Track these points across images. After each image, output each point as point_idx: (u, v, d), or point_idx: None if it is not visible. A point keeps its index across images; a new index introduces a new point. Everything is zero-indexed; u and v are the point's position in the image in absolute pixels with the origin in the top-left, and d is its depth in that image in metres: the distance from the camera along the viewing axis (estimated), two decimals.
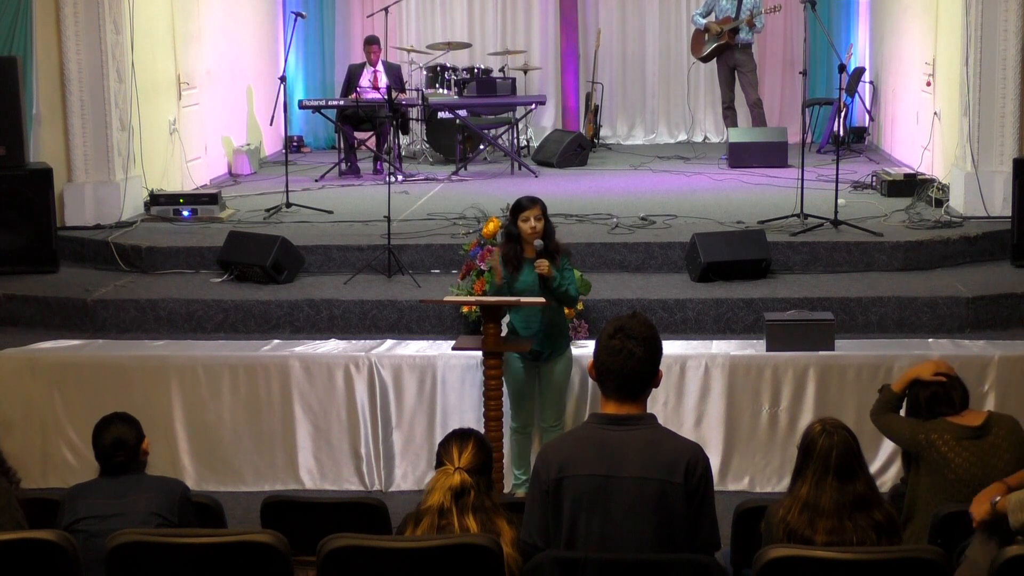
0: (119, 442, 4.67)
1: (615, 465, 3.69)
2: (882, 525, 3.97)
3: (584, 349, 7.01)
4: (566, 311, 7.18)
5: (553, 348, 6.48)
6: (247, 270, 8.25)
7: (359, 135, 12.35)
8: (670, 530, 3.70)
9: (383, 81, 12.21)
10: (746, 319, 7.58)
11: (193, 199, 9.81)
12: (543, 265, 6.19)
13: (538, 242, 6.27)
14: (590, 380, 6.53)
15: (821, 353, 6.89)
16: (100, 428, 4.75)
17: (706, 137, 14.52)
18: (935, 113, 10.37)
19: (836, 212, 8.71)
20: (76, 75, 9.25)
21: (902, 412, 5.01)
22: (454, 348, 6.67)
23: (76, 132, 9.33)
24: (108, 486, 4.62)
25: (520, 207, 6.36)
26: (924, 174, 10.22)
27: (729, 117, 12.81)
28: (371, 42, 12.38)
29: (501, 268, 6.36)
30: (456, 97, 12.57)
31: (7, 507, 4.45)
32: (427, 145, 13.04)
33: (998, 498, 4.01)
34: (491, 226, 7.77)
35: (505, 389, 6.44)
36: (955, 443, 4.66)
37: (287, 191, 10.02)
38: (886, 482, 6.32)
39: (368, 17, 13.74)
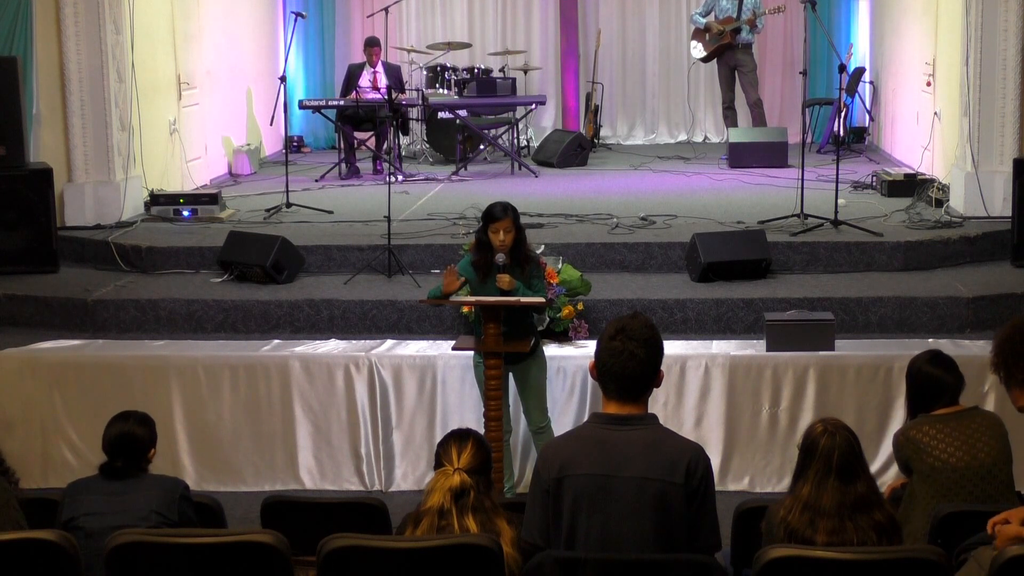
0: (128, 438, 4.67)
1: (616, 465, 3.69)
2: (883, 525, 3.96)
3: (584, 349, 7.01)
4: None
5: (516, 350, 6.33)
6: (247, 270, 8.25)
7: (359, 135, 12.34)
8: (670, 530, 3.70)
9: (383, 82, 12.20)
10: (746, 319, 7.58)
11: (193, 199, 9.81)
12: (503, 280, 6.13)
13: (500, 256, 6.13)
14: (590, 380, 6.52)
15: (821, 353, 6.89)
16: (114, 421, 4.76)
17: (706, 137, 14.52)
18: (935, 113, 10.36)
19: (836, 212, 8.71)
20: (76, 75, 9.24)
21: (904, 421, 5.01)
22: (454, 348, 6.66)
23: (76, 132, 9.33)
24: (108, 484, 4.63)
25: (492, 217, 6.18)
26: (924, 174, 10.22)
27: (729, 117, 12.80)
28: (371, 44, 12.35)
29: (456, 278, 6.16)
30: (456, 97, 12.57)
31: (7, 507, 4.45)
32: (427, 145, 13.04)
33: None
34: None
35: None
36: (935, 431, 4.69)
37: (287, 191, 10.02)
38: (886, 482, 6.28)
39: (368, 17, 13.73)
